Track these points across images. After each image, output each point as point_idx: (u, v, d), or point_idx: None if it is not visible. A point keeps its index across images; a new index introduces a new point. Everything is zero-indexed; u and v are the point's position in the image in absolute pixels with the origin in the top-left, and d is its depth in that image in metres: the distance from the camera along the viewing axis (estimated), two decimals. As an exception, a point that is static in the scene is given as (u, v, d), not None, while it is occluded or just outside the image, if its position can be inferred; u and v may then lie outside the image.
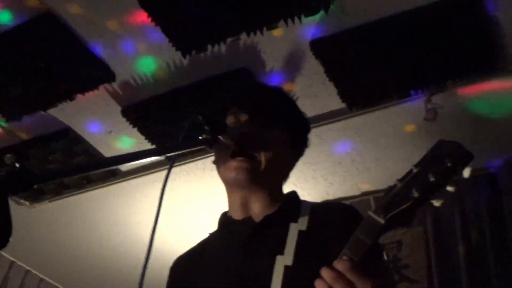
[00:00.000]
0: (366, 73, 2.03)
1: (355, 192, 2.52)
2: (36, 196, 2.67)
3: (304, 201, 1.15)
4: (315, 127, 2.11)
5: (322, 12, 1.77)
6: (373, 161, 2.35)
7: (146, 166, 2.41)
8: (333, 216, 1.06)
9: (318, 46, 1.93)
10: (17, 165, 0.63)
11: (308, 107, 1.97)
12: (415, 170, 0.79)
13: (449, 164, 0.73)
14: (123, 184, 2.54)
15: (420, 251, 2.15)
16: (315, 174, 2.38)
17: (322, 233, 1.00)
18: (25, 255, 3.16)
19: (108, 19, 1.89)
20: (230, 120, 1.12)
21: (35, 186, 0.70)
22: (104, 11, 1.86)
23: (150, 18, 1.83)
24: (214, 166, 1.14)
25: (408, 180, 0.80)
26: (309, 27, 1.89)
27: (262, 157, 1.06)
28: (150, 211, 2.78)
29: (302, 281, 0.94)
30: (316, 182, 2.40)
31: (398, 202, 0.80)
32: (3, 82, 2.14)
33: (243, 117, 1.10)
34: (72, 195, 2.61)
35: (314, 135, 2.25)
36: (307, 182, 1.07)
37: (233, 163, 1.05)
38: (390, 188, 0.82)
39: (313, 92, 2.07)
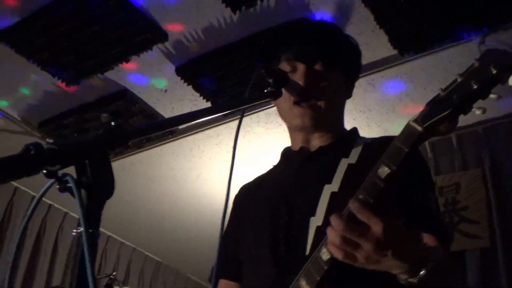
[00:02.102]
0: (416, 18, 2.03)
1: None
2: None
3: (362, 137, 1.19)
4: (367, 75, 2.15)
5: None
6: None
7: (200, 124, 2.53)
8: (382, 149, 1.05)
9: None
10: (112, 123, 0.68)
11: (359, 55, 2.02)
12: (459, 79, 0.77)
13: (494, 72, 0.70)
14: (180, 141, 2.70)
15: (479, 192, 2.19)
16: (369, 122, 2.46)
17: (369, 165, 1.00)
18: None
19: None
20: (285, 67, 1.14)
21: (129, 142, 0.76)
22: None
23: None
24: (267, 119, 1.20)
25: (451, 88, 0.78)
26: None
27: (322, 103, 1.12)
28: (208, 165, 2.95)
29: (345, 204, 0.99)
30: (370, 129, 2.48)
31: (438, 110, 0.79)
32: (60, 48, 2.27)
33: (300, 67, 1.12)
34: (132, 154, 2.81)
35: (367, 83, 2.28)
36: (361, 130, 1.08)
37: (297, 110, 1.11)
38: (434, 98, 0.81)
39: (364, 40, 2.07)
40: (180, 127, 2.58)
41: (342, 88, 1.19)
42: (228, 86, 2.28)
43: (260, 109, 2.29)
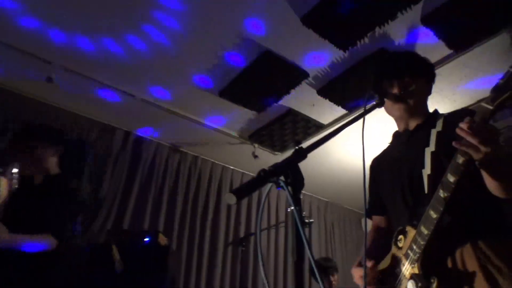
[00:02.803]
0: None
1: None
2: (283, 148, 4.45)
3: (441, 114, 1.57)
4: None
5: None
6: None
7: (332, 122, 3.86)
8: (459, 117, 1.25)
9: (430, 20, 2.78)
10: (297, 147, 0.99)
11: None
12: (511, 70, 0.87)
13: None
14: (328, 131, 3.95)
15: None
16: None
17: (451, 131, 1.21)
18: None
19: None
20: (385, 84, 1.56)
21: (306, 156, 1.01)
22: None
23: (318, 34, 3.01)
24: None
25: (507, 77, 0.89)
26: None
27: (412, 101, 1.53)
28: (347, 149, 4.23)
29: (443, 159, 1.34)
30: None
31: (501, 94, 0.93)
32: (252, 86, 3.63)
33: (395, 83, 1.54)
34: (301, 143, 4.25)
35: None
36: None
37: (396, 107, 1.55)
38: (495, 85, 0.93)
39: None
40: (325, 123, 3.91)
41: (424, 89, 1.60)
42: (350, 96, 3.49)
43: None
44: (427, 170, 1.37)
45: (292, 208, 0.87)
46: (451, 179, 1.15)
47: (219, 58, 3.23)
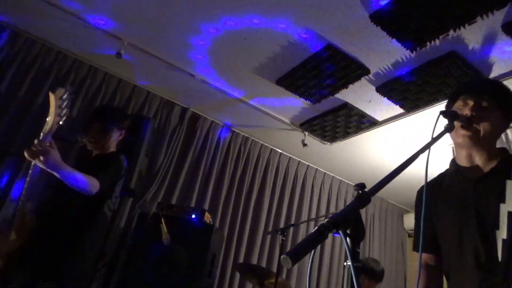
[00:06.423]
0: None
1: None
2: (333, 138, 4.41)
3: None
4: None
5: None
6: None
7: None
8: None
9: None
10: (360, 191, 0.89)
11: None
12: None
13: None
14: (381, 128, 3.97)
15: None
16: None
17: None
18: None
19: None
20: (459, 103, 1.44)
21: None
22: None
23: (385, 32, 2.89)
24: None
25: None
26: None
27: (481, 129, 1.38)
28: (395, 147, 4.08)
29: None
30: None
31: None
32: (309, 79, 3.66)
33: (470, 103, 1.42)
34: (352, 136, 4.24)
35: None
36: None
37: (461, 132, 1.40)
38: None
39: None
40: (380, 119, 3.82)
41: (499, 122, 1.43)
42: (410, 96, 3.37)
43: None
44: (501, 233, 1.24)
45: (349, 263, 0.81)
46: None
47: (281, 48, 3.21)
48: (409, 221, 5.79)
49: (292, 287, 4.13)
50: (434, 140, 1.24)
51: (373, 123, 3.95)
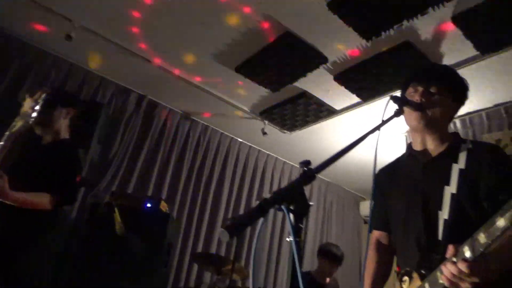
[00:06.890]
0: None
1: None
2: (292, 127, 4.43)
3: (463, 141, 1.44)
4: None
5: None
6: None
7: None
8: (483, 156, 1.27)
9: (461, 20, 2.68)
10: (305, 168, 0.89)
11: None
12: None
13: None
14: (339, 117, 4.02)
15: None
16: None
17: (475, 170, 1.22)
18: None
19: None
20: (410, 90, 1.48)
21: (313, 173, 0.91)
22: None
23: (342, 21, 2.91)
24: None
25: None
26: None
27: (431, 112, 1.42)
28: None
29: (463, 204, 1.26)
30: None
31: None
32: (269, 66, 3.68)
33: (420, 89, 1.45)
34: (311, 125, 4.26)
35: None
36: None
37: (413, 115, 1.43)
38: None
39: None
40: (338, 108, 3.87)
41: (449, 106, 1.47)
42: (367, 86, 3.43)
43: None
44: (443, 214, 1.29)
45: (291, 239, 0.80)
46: (482, 240, 1.02)
47: (240, 34, 3.17)
48: (365, 208, 5.97)
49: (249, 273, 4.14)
50: (383, 122, 1.28)
51: (331, 112, 3.99)
